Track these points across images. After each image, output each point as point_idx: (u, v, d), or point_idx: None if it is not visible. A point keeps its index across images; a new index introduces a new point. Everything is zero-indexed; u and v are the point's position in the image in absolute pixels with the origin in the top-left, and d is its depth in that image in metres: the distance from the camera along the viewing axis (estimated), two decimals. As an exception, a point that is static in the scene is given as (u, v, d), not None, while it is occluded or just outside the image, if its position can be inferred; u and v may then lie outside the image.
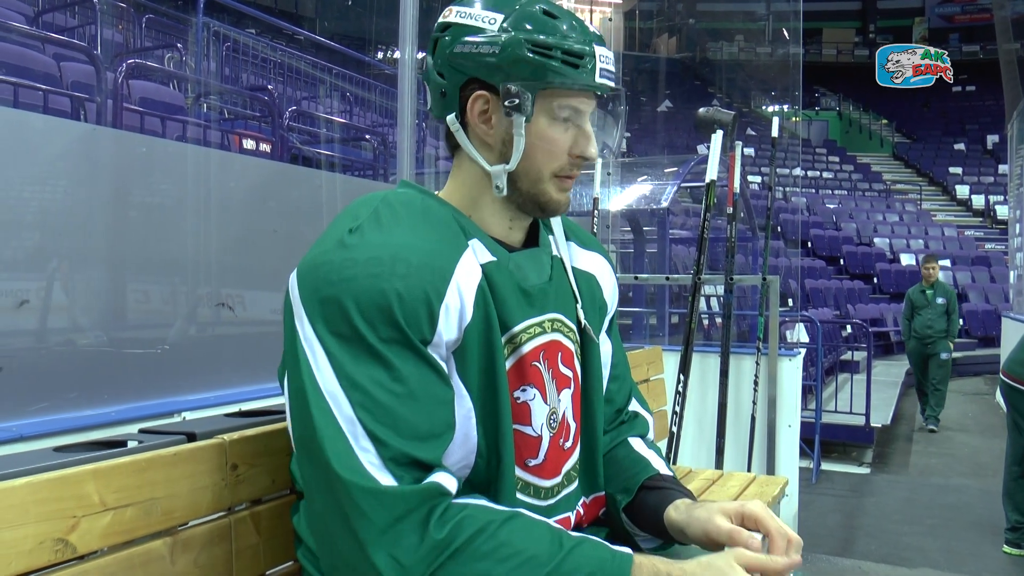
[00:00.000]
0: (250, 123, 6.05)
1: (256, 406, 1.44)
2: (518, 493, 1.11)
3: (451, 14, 1.12)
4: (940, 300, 7.53)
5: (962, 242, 17.83)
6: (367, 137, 6.98)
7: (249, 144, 5.56)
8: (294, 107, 6.47)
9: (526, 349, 1.11)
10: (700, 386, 3.96)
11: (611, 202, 5.43)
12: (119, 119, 4.18)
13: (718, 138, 3.67)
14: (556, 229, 1.26)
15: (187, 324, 2.54)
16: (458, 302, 1.03)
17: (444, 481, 0.99)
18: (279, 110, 5.83)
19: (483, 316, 1.06)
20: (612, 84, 1.11)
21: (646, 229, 6.84)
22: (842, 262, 16.15)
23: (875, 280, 15.73)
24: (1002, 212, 18.84)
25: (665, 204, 6.32)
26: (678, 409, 3.50)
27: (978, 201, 21.04)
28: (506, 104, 1.07)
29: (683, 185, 6.82)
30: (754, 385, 3.88)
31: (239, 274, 2.68)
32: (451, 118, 1.12)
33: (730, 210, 3.95)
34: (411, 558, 0.94)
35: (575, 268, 1.25)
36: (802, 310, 8.70)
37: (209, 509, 1.14)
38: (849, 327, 11.18)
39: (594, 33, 1.11)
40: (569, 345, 1.19)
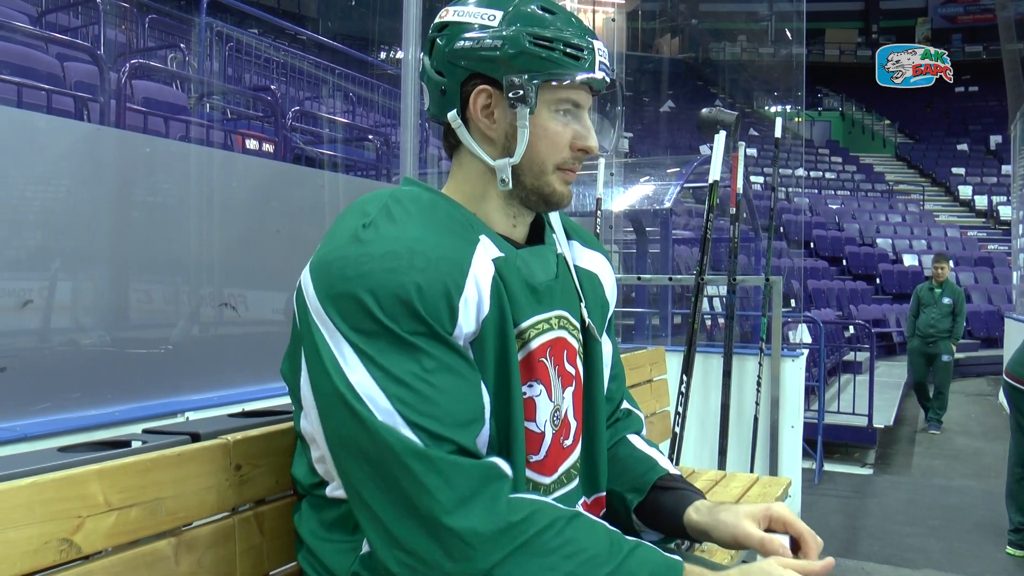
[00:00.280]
0: (253, 123, 6.06)
1: (259, 406, 1.44)
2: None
3: (448, 14, 1.13)
4: (947, 300, 7.47)
5: (965, 243, 17.80)
6: (370, 137, 6.98)
7: (252, 144, 5.56)
8: (297, 107, 6.47)
9: (534, 345, 1.12)
10: (703, 387, 3.95)
11: (614, 202, 5.43)
12: (122, 119, 4.18)
13: (721, 138, 3.67)
14: (556, 227, 1.26)
15: (190, 324, 2.55)
16: (476, 295, 1.03)
17: (500, 464, 1.01)
18: (282, 110, 5.84)
19: (498, 309, 1.06)
20: (610, 78, 1.14)
21: (649, 229, 6.83)
22: (845, 263, 16.12)
23: (878, 281, 15.71)
24: (1005, 213, 18.83)
25: (668, 204, 6.31)
26: (681, 410, 3.50)
27: (981, 202, 21.01)
28: (510, 96, 1.08)
29: (686, 186, 6.80)
30: (757, 386, 3.88)
31: (242, 274, 2.68)
32: (452, 115, 1.13)
33: (733, 210, 3.95)
34: (489, 528, 0.94)
35: (579, 267, 1.26)
36: (805, 311, 8.69)
37: (213, 509, 1.14)
38: (852, 328, 11.16)
39: (589, 29, 1.13)
40: (573, 343, 1.19)
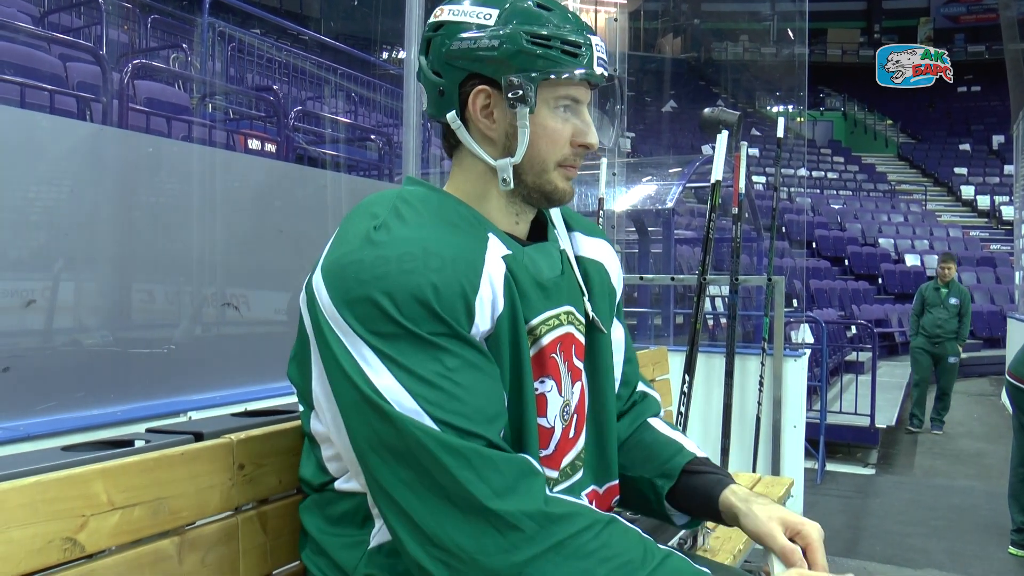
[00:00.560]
0: (255, 123, 6.06)
1: (262, 406, 1.45)
2: None
3: (443, 13, 1.12)
4: (953, 300, 7.41)
5: (967, 243, 17.77)
6: (372, 137, 6.97)
7: (254, 144, 5.57)
8: (299, 107, 6.47)
9: (545, 341, 1.13)
10: (705, 387, 3.95)
11: (616, 202, 5.44)
12: (125, 119, 4.18)
13: (723, 138, 3.67)
14: (558, 223, 1.26)
15: (193, 324, 2.55)
16: (491, 293, 1.04)
17: (531, 460, 1.02)
18: (284, 110, 5.84)
19: (511, 307, 1.07)
20: (608, 72, 1.13)
21: (651, 229, 6.83)
22: (847, 262, 16.11)
23: (880, 281, 15.70)
24: (1007, 213, 18.81)
25: (670, 204, 6.31)
26: (683, 410, 3.50)
27: (983, 202, 20.98)
28: (509, 96, 1.08)
29: (688, 185, 6.80)
30: (759, 386, 3.88)
31: (245, 274, 2.68)
32: (451, 115, 1.13)
33: (735, 210, 3.94)
34: (535, 511, 0.95)
35: (583, 257, 1.26)
36: (807, 311, 8.68)
37: (216, 509, 1.14)
38: (854, 328, 11.15)
39: (586, 24, 1.13)
40: (580, 338, 1.20)
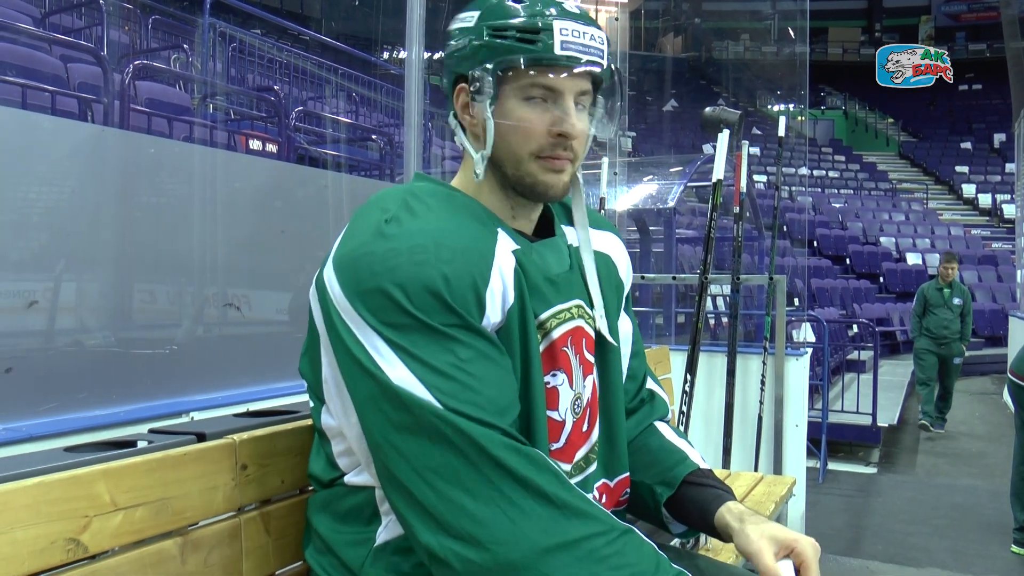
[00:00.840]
0: (256, 123, 6.06)
1: (265, 406, 1.45)
2: None
3: (452, 23, 1.16)
4: (957, 301, 7.40)
5: (969, 241, 17.76)
6: (373, 137, 6.98)
7: (255, 144, 5.58)
8: (300, 107, 6.48)
9: (556, 335, 1.13)
10: (707, 386, 3.95)
11: (617, 202, 5.44)
12: (126, 120, 4.18)
13: (724, 137, 3.67)
14: (579, 219, 1.25)
15: (195, 324, 2.55)
16: (501, 285, 1.05)
17: (543, 454, 1.02)
18: (285, 110, 5.84)
19: (520, 300, 1.07)
20: (582, 57, 1.08)
21: (652, 229, 6.83)
22: (848, 261, 16.11)
23: (881, 279, 15.69)
24: (1009, 211, 18.78)
25: (671, 204, 6.31)
26: (685, 409, 3.50)
27: (985, 200, 20.95)
28: (471, 90, 1.10)
29: (689, 185, 6.80)
30: (761, 385, 3.87)
31: (246, 274, 2.68)
32: (451, 116, 1.17)
33: (736, 209, 3.94)
34: (557, 495, 0.96)
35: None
36: (808, 310, 8.68)
37: (219, 509, 1.15)
38: (855, 327, 11.15)
39: (568, 11, 1.09)
40: (590, 332, 1.20)
